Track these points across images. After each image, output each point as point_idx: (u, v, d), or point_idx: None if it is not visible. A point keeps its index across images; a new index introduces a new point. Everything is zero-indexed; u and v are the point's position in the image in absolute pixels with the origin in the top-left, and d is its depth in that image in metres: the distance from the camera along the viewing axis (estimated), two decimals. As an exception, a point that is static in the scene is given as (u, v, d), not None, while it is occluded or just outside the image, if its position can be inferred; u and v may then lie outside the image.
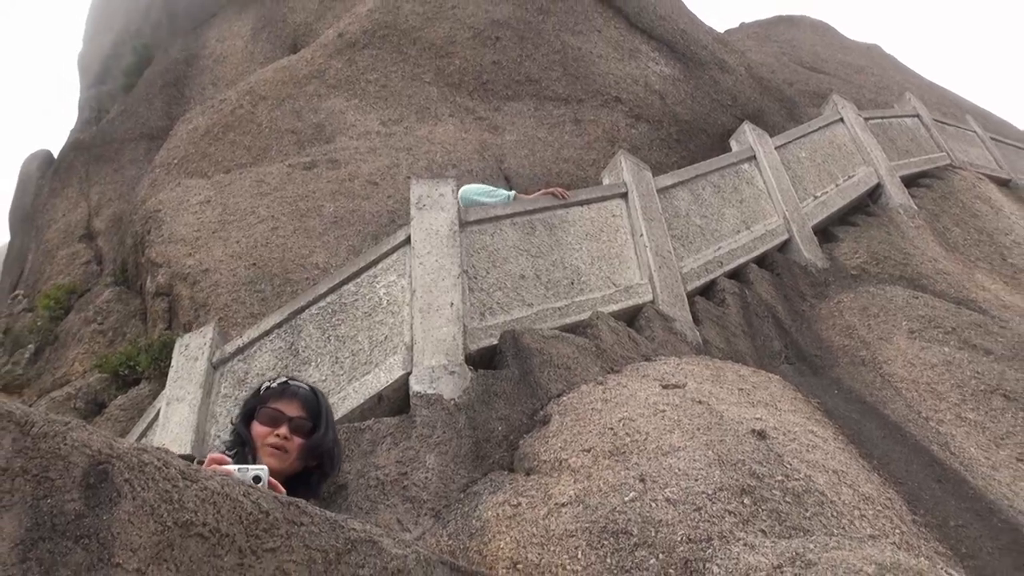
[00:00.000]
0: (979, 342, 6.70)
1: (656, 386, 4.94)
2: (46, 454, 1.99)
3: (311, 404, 3.23)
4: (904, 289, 7.56)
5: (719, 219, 7.96)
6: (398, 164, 10.28)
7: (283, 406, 3.14)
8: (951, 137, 12.46)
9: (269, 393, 3.21)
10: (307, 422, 3.16)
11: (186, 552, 2.11)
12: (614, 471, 4.08)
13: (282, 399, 3.17)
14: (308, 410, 3.19)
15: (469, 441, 4.82)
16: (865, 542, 3.68)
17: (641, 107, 12.09)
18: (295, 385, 3.27)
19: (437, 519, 4.31)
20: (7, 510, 1.89)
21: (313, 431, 3.16)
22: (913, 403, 6.16)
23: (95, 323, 10.38)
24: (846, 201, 9.36)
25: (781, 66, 17.68)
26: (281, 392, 3.20)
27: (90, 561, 1.95)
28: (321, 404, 3.28)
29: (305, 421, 3.15)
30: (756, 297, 7.27)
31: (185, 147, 11.42)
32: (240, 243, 9.17)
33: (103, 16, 24.53)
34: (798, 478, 4.09)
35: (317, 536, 2.39)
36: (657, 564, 3.47)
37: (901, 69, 21.25)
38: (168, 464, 2.21)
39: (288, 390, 3.22)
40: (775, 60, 18.05)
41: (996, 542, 4.74)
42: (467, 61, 12.21)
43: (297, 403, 3.18)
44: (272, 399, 3.18)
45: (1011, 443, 5.77)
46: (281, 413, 3.11)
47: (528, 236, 6.50)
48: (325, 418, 3.24)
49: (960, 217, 9.70)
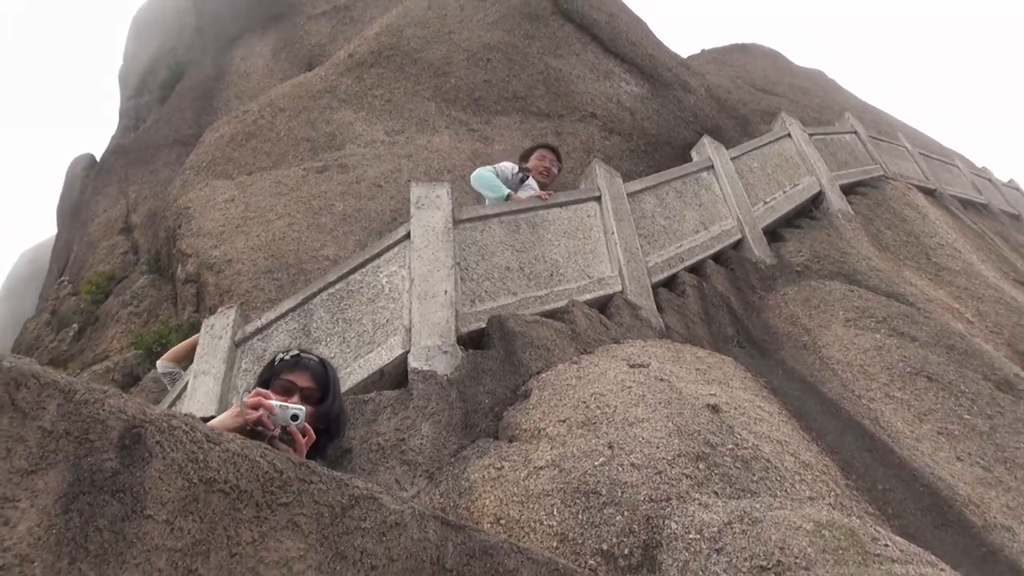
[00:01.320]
0: (906, 330, 6.73)
1: (624, 365, 4.94)
2: (87, 418, 1.98)
3: (320, 375, 3.20)
4: (841, 284, 7.59)
5: (681, 220, 7.97)
6: (400, 169, 10.26)
7: (295, 377, 3.12)
8: (884, 152, 12.52)
9: (283, 365, 3.18)
10: (316, 392, 3.14)
11: (209, 506, 2.11)
12: (586, 439, 4.09)
13: (294, 371, 3.15)
14: (317, 381, 3.17)
15: (459, 412, 4.82)
16: (804, 503, 3.70)
17: (614, 122, 12.08)
18: (306, 358, 3.24)
19: (430, 480, 4.31)
20: (52, 467, 1.88)
21: (322, 400, 3.14)
22: (848, 383, 6.19)
23: (131, 306, 10.34)
24: (792, 206, 9.36)
25: (736, 88, 17.69)
26: (294, 364, 3.18)
27: (124, 513, 1.94)
28: (329, 375, 3.26)
29: (315, 391, 3.13)
30: (712, 289, 7.28)
31: (212, 152, 11.36)
32: (260, 237, 9.14)
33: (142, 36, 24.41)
34: (747, 447, 4.10)
35: (325, 493, 2.39)
36: (623, 520, 3.48)
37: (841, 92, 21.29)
38: (195, 428, 2.21)
39: (300, 363, 3.20)
40: (731, 82, 18.05)
41: (918, 504, 4.77)
42: (462, 80, 12.18)
43: (308, 374, 3.16)
44: (285, 371, 3.15)
45: (932, 419, 5.80)
46: (293, 384, 3.09)
47: (513, 233, 6.50)
48: (333, 388, 3.22)
49: (891, 221, 9.74)
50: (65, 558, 1.81)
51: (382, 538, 2.46)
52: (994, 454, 5.52)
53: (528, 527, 3.65)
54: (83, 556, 1.84)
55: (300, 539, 2.26)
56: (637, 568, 3.28)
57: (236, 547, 2.12)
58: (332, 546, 2.32)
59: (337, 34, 15.14)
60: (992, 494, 5.07)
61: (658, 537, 3.36)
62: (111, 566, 1.87)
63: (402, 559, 2.48)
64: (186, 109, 15.73)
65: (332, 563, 2.30)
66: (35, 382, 1.94)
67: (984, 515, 4.78)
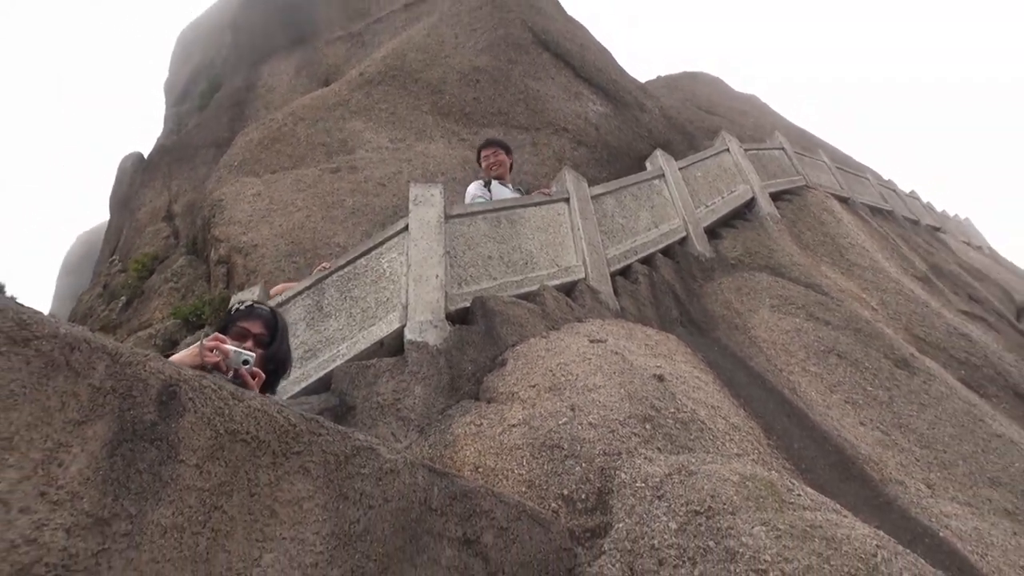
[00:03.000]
0: (821, 316, 6.79)
1: (585, 340, 4.96)
2: (130, 377, 1.97)
3: (270, 323, 3.13)
4: (768, 275, 7.64)
5: (636, 219, 7.98)
6: (401, 171, 10.21)
7: (248, 324, 3.06)
8: (807, 165, 12.58)
9: (238, 315, 3.11)
10: (266, 337, 3.07)
11: (233, 453, 2.11)
12: (552, 402, 4.11)
13: (248, 319, 3.09)
14: (268, 328, 3.10)
15: (447, 377, 4.83)
16: (732, 459, 3.73)
17: (582, 135, 12.07)
18: (259, 308, 3.18)
19: (421, 433, 4.32)
20: (100, 418, 1.88)
21: (270, 344, 3.07)
22: (771, 358, 6.24)
23: (172, 282, 10.26)
24: (729, 209, 9.40)
25: (685, 109, 17.71)
26: (248, 313, 3.11)
27: (161, 458, 1.94)
28: (278, 323, 3.18)
29: (264, 336, 3.06)
30: (661, 278, 7.31)
31: (243, 153, 11.28)
32: (281, 226, 9.10)
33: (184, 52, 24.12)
34: (686, 411, 4.14)
35: (331, 443, 2.39)
36: (581, 470, 3.50)
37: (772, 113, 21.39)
38: (222, 388, 2.20)
39: (253, 312, 3.14)
40: (681, 104, 18.07)
41: (827, 460, 4.83)
42: (454, 97, 12.13)
43: (260, 322, 3.09)
44: (240, 319, 3.09)
45: (841, 390, 5.87)
46: (247, 330, 3.03)
47: (495, 227, 6.49)
48: (280, 334, 3.15)
49: (811, 224, 9.80)
50: (110, 495, 1.81)
51: (379, 482, 2.47)
52: (891, 420, 5.59)
53: (502, 475, 3.66)
54: (125, 494, 1.84)
55: (310, 482, 2.27)
56: (592, 511, 3.31)
57: (255, 488, 2.12)
58: (336, 488, 2.33)
59: (350, 56, 15.02)
60: (889, 454, 5.14)
61: (610, 485, 3.38)
62: (149, 502, 1.88)
63: (395, 500, 2.49)
64: (221, 116, 15.58)
65: (336, 502, 2.31)
66: (87, 346, 1.93)
67: (881, 471, 4.84)
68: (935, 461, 5.20)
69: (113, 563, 1.76)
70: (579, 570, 3.04)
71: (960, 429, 5.55)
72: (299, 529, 2.17)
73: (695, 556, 2.84)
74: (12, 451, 1.71)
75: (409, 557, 2.45)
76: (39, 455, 1.75)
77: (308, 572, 2.12)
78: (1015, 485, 5.04)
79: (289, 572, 2.08)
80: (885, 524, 3.92)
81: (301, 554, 2.13)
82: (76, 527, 1.73)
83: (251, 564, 2.01)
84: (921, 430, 5.52)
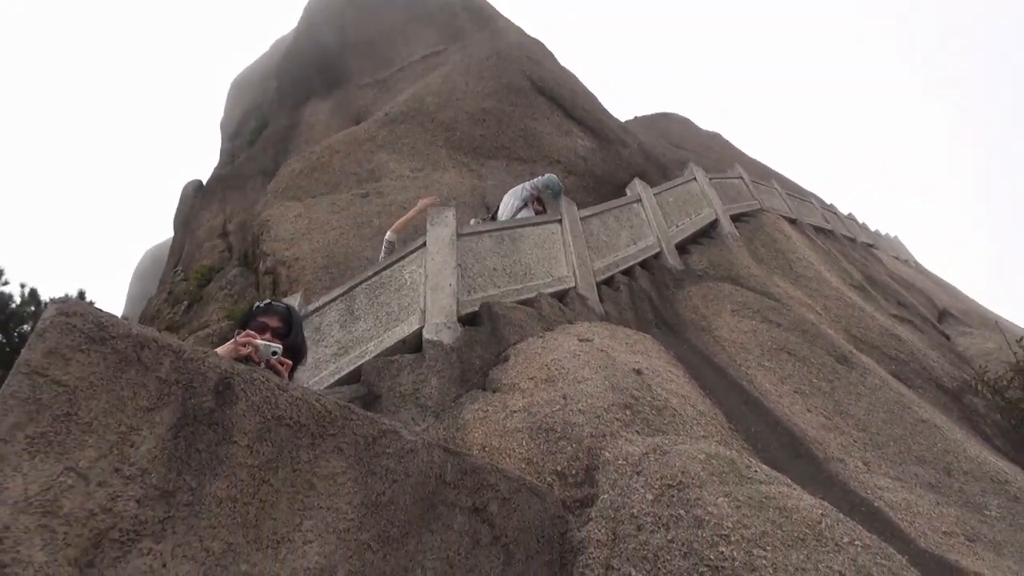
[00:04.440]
0: (774, 319, 6.78)
1: (575, 340, 4.95)
2: (192, 371, 1.97)
3: (286, 317, 3.04)
4: (729, 285, 7.63)
5: (617, 237, 7.98)
6: (420, 196, 10.17)
7: (267, 319, 2.98)
8: (762, 191, 12.58)
9: (258, 311, 3.03)
10: (283, 329, 2.98)
11: (279, 435, 2.11)
12: (547, 391, 4.10)
13: (266, 314, 3.01)
14: (284, 321, 3.01)
15: (458, 370, 4.82)
16: (699, 440, 3.73)
17: (572, 166, 12.09)
18: (276, 305, 3.09)
19: (437, 418, 4.31)
20: (167, 405, 1.88)
21: (287, 335, 2.99)
22: (732, 355, 6.23)
23: (226, 290, 10.25)
24: (696, 229, 9.40)
25: (659, 144, 17.73)
26: (266, 309, 3.03)
27: (217, 439, 1.94)
28: (293, 317, 3.10)
29: (281, 328, 2.98)
30: (639, 286, 7.30)
31: (286, 181, 11.28)
32: (319, 242, 9.10)
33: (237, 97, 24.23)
34: (660, 399, 4.13)
35: (360, 427, 2.39)
36: (571, 450, 3.49)
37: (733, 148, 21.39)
38: (269, 380, 2.20)
39: (271, 308, 3.06)
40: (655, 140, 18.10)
41: (779, 441, 4.81)
42: (465, 133, 12.15)
43: (277, 317, 3.01)
44: (260, 314, 3.01)
45: (791, 381, 5.85)
46: (266, 324, 2.95)
47: (499, 244, 6.48)
48: (295, 326, 3.07)
49: (765, 241, 9.80)
50: (174, 471, 1.81)
51: (401, 460, 2.46)
52: (833, 408, 5.58)
53: (505, 453, 3.66)
54: (187, 469, 1.84)
55: (342, 459, 2.26)
56: (581, 484, 3.30)
57: (297, 464, 2.12)
58: (365, 465, 2.33)
59: (377, 99, 15.04)
60: (831, 436, 5.12)
61: (596, 462, 3.38)
62: (207, 477, 1.87)
63: (415, 475, 2.48)
64: (268, 150, 15.60)
65: (365, 477, 2.30)
66: (155, 344, 1.93)
67: (825, 451, 4.83)
68: (870, 442, 5.18)
69: (177, 528, 1.75)
70: (570, 534, 3.03)
71: (891, 415, 5.54)
72: (334, 499, 2.16)
73: (668, 523, 2.83)
74: (91, 434, 1.71)
75: (427, 523, 2.44)
76: (114, 437, 1.75)
77: (342, 536, 2.12)
78: (937, 462, 5.02)
79: (326, 536, 2.07)
80: (828, 496, 3.91)
81: (336, 520, 2.13)
82: (145, 498, 1.72)
83: (293, 529, 2.01)
84: (858, 416, 5.50)
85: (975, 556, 3.93)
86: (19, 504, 1.53)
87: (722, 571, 2.57)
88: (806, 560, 2.57)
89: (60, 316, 1.79)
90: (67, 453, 1.65)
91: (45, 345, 1.73)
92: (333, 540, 2.08)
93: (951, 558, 3.81)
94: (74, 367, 1.75)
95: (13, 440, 1.59)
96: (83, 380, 1.75)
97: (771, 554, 2.60)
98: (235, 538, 1.85)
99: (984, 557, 3.94)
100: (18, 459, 1.58)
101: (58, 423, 1.67)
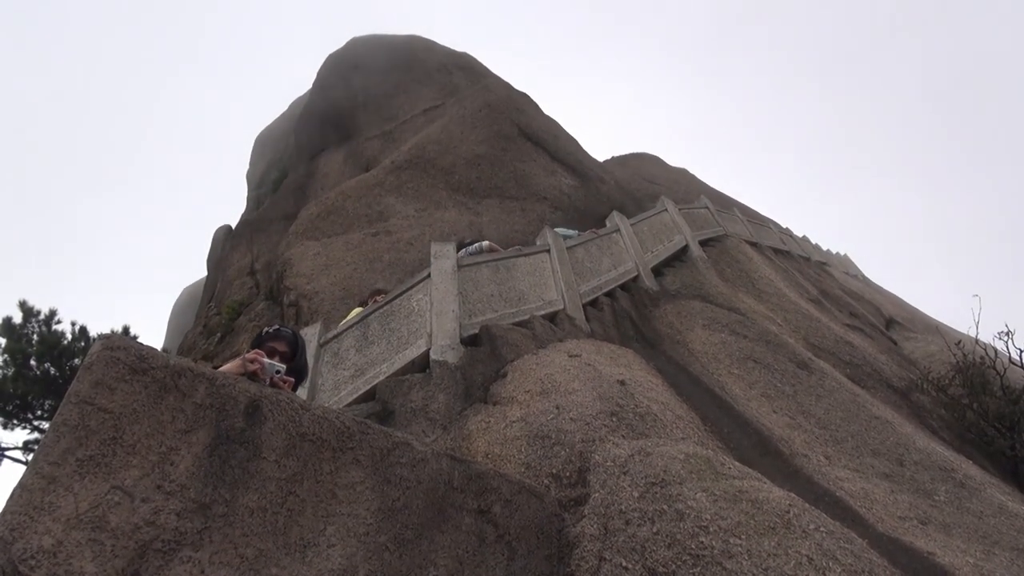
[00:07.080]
0: (740, 331, 6.78)
1: (565, 356, 4.95)
2: (224, 396, 1.97)
3: (292, 342, 2.99)
4: (700, 302, 7.65)
5: (600, 263, 8.01)
6: (424, 233, 10.26)
7: (275, 344, 2.92)
8: (726, 219, 12.66)
9: (267, 336, 2.97)
10: (288, 352, 2.94)
11: (303, 450, 2.09)
12: (542, 403, 4.09)
13: (275, 339, 2.95)
14: (290, 345, 2.97)
15: (462, 386, 4.80)
16: (678, 441, 3.71)
17: (557, 202, 12.17)
18: (283, 330, 3.04)
19: (444, 430, 4.28)
20: (201, 427, 1.87)
21: (293, 358, 2.95)
22: (705, 364, 6.22)
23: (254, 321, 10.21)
24: (669, 253, 9.45)
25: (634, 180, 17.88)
26: (275, 335, 2.97)
27: (248, 456, 1.93)
28: (298, 342, 3.06)
29: (287, 352, 2.94)
30: (620, 306, 7.31)
31: (306, 224, 11.32)
32: (336, 276, 9.10)
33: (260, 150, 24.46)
34: (642, 406, 4.12)
35: (376, 440, 2.38)
36: (565, 454, 3.47)
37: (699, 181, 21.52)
38: (293, 401, 2.20)
39: (279, 334, 3.00)
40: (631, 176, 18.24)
41: (749, 440, 4.79)
42: (462, 176, 12.24)
43: (284, 341, 2.96)
44: (269, 339, 2.95)
45: (758, 386, 5.84)
46: (274, 348, 2.90)
47: (495, 273, 6.50)
48: (300, 350, 3.03)
49: (730, 263, 9.84)
50: (210, 486, 1.80)
51: (413, 468, 2.44)
52: (796, 408, 5.56)
53: (506, 459, 3.63)
54: (221, 484, 1.83)
55: (360, 470, 2.25)
56: (574, 485, 3.27)
57: (319, 476, 2.10)
58: (381, 474, 2.31)
59: (384, 148, 15.16)
60: (795, 434, 5.10)
61: (587, 465, 3.35)
62: (240, 490, 1.86)
63: (426, 482, 2.46)
64: (289, 197, 15.67)
65: (381, 485, 2.28)
66: (190, 373, 1.93)
67: (790, 447, 4.80)
68: (830, 438, 5.16)
69: (213, 537, 1.73)
70: (566, 530, 3.00)
71: (848, 413, 5.52)
72: (354, 506, 2.14)
73: (653, 517, 2.81)
74: (135, 455, 1.70)
75: (437, 525, 2.42)
76: (156, 457, 1.74)
77: (362, 539, 2.10)
78: (890, 454, 5.00)
79: (347, 539, 2.05)
80: (795, 488, 3.88)
81: (356, 525, 2.11)
82: (185, 511, 1.71)
83: (318, 534, 1.99)
84: (819, 415, 5.48)
85: (927, 537, 3.90)
86: (71, 521, 1.52)
87: (702, 559, 2.55)
88: (777, 546, 2.55)
89: (105, 350, 1.79)
90: (113, 473, 1.64)
91: (92, 377, 1.72)
92: (354, 543, 2.06)
93: (906, 540, 3.78)
94: (118, 395, 1.74)
95: (65, 463, 1.58)
96: (127, 407, 1.74)
97: (746, 542, 2.58)
98: (266, 544, 1.83)
99: (935, 538, 3.91)
100: (69, 480, 1.57)
101: (105, 446, 1.66)
